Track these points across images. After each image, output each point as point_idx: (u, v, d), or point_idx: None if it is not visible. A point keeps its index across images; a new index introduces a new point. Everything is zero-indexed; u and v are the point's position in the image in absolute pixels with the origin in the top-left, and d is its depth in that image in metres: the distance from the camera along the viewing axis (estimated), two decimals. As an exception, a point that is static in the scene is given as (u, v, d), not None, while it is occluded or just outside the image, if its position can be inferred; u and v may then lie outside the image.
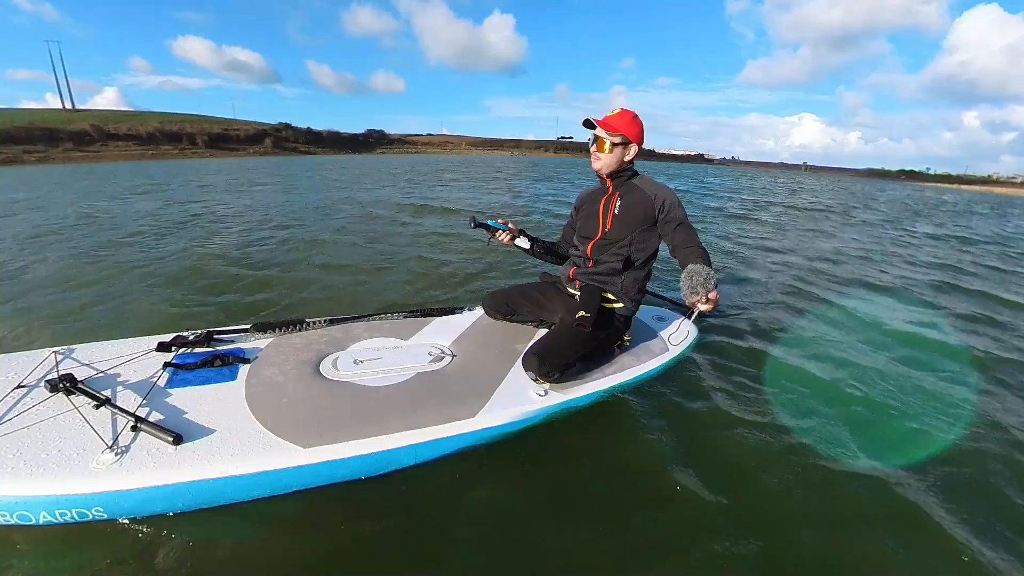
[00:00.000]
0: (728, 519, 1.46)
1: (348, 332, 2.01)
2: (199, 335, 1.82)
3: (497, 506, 1.47)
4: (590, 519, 1.44)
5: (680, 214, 1.81)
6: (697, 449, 1.79)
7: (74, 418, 1.33)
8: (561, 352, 1.73)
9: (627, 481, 1.62)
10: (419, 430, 1.43)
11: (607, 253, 1.91)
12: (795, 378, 2.39)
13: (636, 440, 1.83)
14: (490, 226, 2.05)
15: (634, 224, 1.86)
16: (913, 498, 1.58)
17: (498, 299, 2.20)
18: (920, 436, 1.95)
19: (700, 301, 1.49)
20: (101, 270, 4.05)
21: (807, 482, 1.65)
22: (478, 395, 1.62)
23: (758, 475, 1.67)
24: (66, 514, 1.15)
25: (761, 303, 3.63)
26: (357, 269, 4.24)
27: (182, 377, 1.58)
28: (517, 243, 2.10)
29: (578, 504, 1.50)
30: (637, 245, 1.88)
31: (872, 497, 1.59)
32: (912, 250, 6.68)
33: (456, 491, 1.50)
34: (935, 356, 2.77)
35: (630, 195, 1.88)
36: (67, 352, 1.68)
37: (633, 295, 1.94)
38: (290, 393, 1.54)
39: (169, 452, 1.25)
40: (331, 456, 1.32)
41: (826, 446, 1.84)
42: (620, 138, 1.82)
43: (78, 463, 1.19)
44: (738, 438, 1.86)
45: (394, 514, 1.41)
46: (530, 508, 1.47)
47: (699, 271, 1.52)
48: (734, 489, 1.58)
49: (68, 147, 44.67)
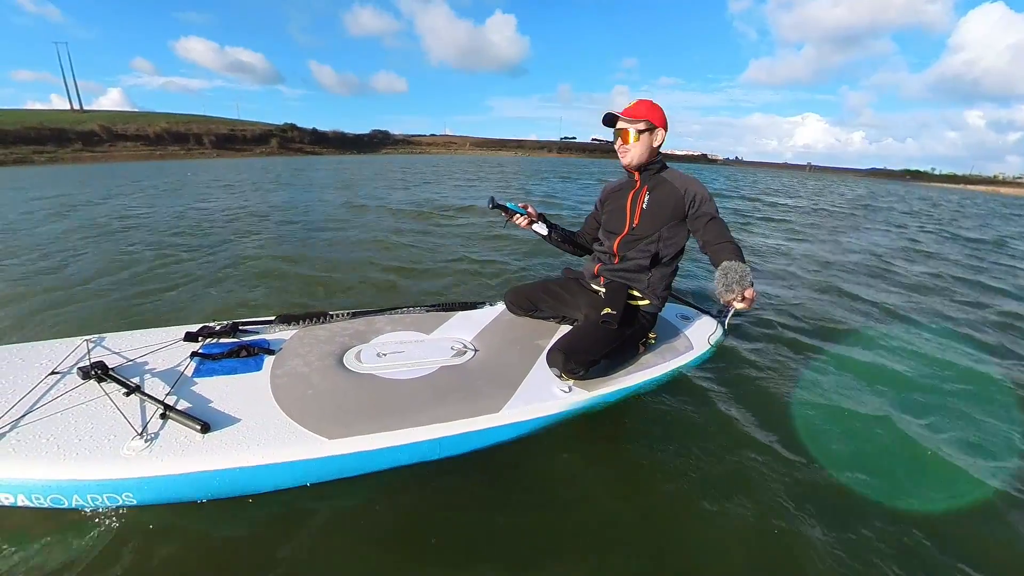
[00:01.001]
0: (744, 535, 1.39)
1: (371, 325, 2.01)
2: (225, 326, 1.84)
3: (520, 503, 1.45)
4: (610, 523, 1.40)
5: (711, 208, 1.77)
6: (718, 455, 1.71)
7: (105, 405, 1.35)
8: (587, 349, 1.70)
9: (646, 484, 1.58)
10: (445, 424, 1.42)
11: (634, 249, 1.87)
12: (829, 387, 2.30)
13: (657, 442, 1.78)
14: (508, 208, 2.00)
15: (663, 219, 1.82)
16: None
17: (520, 295, 2.17)
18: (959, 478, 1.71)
19: (736, 299, 1.44)
20: (156, 263, 4.20)
21: (824, 508, 1.49)
22: (502, 390, 1.60)
23: (772, 487, 1.57)
24: (97, 499, 1.17)
25: (797, 306, 3.53)
26: (436, 272, 4.15)
27: (208, 367, 1.60)
28: (535, 228, 2.05)
29: (601, 506, 1.46)
30: (665, 241, 1.83)
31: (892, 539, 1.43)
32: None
33: (479, 488, 1.48)
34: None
35: (659, 189, 1.84)
36: (98, 340, 1.70)
37: (660, 292, 1.90)
38: (315, 384, 1.54)
39: (197, 440, 1.25)
40: (357, 448, 1.31)
41: (843, 468, 1.68)
42: (644, 123, 1.78)
43: (109, 449, 1.20)
44: (757, 447, 1.78)
45: (417, 509, 1.39)
46: (553, 505, 1.44)
47: (734, 268, 1.47)
48: (754, 501, 1.51)
49: (77, 147, 45.80)
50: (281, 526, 1.30)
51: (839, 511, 1.49)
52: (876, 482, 1.63)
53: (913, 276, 4.78)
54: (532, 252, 4.80)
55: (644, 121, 1.77)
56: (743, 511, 1.44)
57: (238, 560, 1.22)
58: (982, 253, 6.64)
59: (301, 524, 1.31)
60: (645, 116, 1.77)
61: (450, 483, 1.47)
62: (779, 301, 3.60)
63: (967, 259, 6.02)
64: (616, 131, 1.83)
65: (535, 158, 79.62)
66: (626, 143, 1.81)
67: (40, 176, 17.71)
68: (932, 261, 5.70)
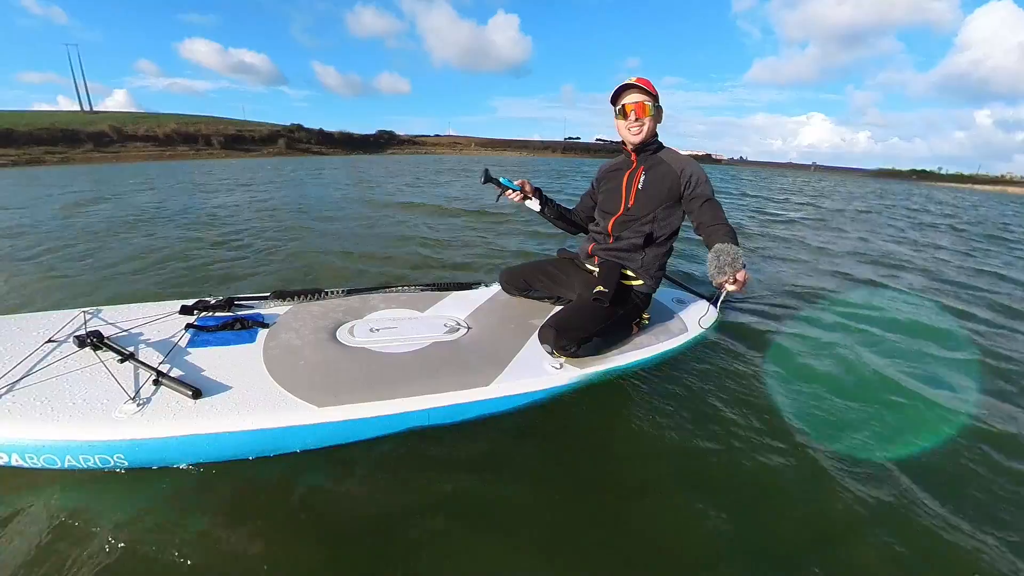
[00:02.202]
0: (726, 508, 1.39)
1: (365, 302, 2.02)
2: (221, 300, 1.86)
3: (502, 474, 1.45)
4: (593, 498, 1.40)
5: (707, 190, 1.75)
6: (707, 435, 1.71)
7: (99, 371, 1.37)
8: (578, 326, 1.70)
9: (634, 462, 1.57)
10: (433, 395, 1.43)
11: (629, 229, 1.86)
12: (820, 367, 2.30)
13: (648, 421, 1.77)
14: (501, 183, 1.99)
15: (659, 200, 1.81)
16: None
17: (515, 275, 2.18)
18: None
19: (728, 281, 1.44)
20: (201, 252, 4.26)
21: (808, 474, 1.54)
22: (493, 365, 1.61)
23: (762, 463, 1.58)
24: (89, 459, 1.19)
25: (796, 290, 3.52)
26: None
27: (203, 338, 1.61)
28: (528, 204, 2.03)
29: (583, 482, 1.46)
30: (660, 222, 1.83)
31: (871, 494, 1.47)
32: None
33: (466, 457, 1.48)
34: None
35: (655, 169, 1.82)
36: (95, 312, 1.73)
37: (653, 272, 1.90)
38: (307, 356, 1.55)
39: (188, 405, 1.27)
40: (346, 416, 1.33)
41: (833, 437, 1.72)
42: (655, 99, 1.75)
43: (102, 412, 1.22)
44: (749, 426, 1.78)
45: (401, 479, 1.40)
46: (534, 481, 1.45)
47: (727, 250, 1.46)
48: (738, 476, 1.52)
49: (88, 148, 45.78)
50: (268, 493, 1.32)
51: (839, 473, 1.53)
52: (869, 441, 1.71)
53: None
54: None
55: (655, 96, 1.75)
56: (734, 492, 1.44)
57: (227, 527, 1.24)
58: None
59: (289, 491, 1.33)
60: (655, 92, 1.75)
61: (438, 453, 1.47)
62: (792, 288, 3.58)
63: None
64: (626, 107, 1.74)
65: (540, 158, 79.34)
66: (643, 116, 1.73)
67: (60, 175, 17.92)
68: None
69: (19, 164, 35.38)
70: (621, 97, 1.76)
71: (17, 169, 29.83)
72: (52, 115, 59.13)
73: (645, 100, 1.73)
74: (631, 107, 1.73)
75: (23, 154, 39.28)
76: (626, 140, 1.83)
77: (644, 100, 1.73)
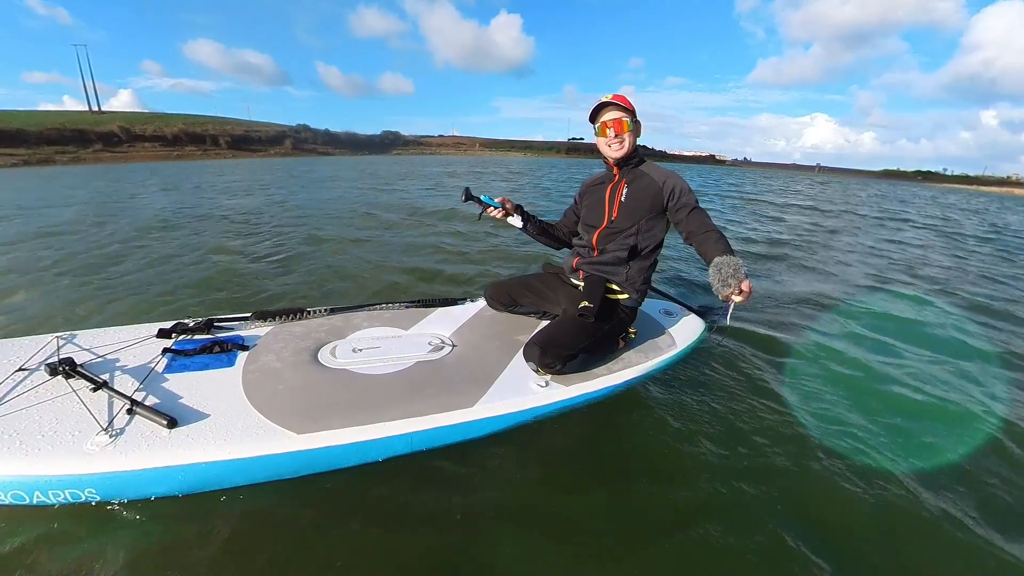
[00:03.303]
0: (720, 516, 1.40)
1: (348, 321, 2.00)
2: (200, 322, 1.82)
3: (489, 497, 1.43)
4: (584, 517, 1.40)
5: (692, 200, 1.77)
6: (699, 448, 1.71)
7: (71, 401, 1.33)
8: (563, 342, 1.69)
9: (624, 478, 1.56)
10: (415, 419, 1.41)
11: (613, 242, 1.87)
12: (811, 374, 2.32)
13: (637, 439, 1.76)
14: (482, 201, 1.99)
15: (641, 212, 1.81)
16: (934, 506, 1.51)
17: (500, 290, 2.17)
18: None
19: (733, 293, 1.45)
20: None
21: (799, 483, 1.57)
22: (477, 385, 1.59)
23: (753, 473, 1.60)
24: (59, 495, 1.15)
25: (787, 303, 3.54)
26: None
27: (180, 363, 1.58)
28: (510, 220, 2.04)
29: (573, 502, 1.45)
30: (644, 234, 1.83)
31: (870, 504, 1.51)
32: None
33: (450, 482, 1.47)
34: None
35: (637, 182, 1.83)
36: (69, 337, 1.69)
37: (638, 286, 1.90)
38: (286, 380, 1.53)
39: (163, 435, 1.24)
40: (326, 443, 1.30)
41: (828, 444, 1.76)
42: (632, 115, 1.77)
43: (73, 444, 1.19)
44: (743, 437, 1.79)
45: (385, 504, 1.38)
46: (525, 503, 1.43)
47: (727, 262, 1.48)
48: (732, 487, 1.52)
49: (98, 148, 46.85)
50: (250, 523, 1.29)
51: (853, 479, 1.56)
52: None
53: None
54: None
55: (632, 112, 1.77)
56: (744, 511, 1.44)
57: (202, 560, 1.21)
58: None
59: (268, 521, 1.30)
60: (631, 108, 1.77)
61: (421, 477, 1.45)
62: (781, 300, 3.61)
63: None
64: (604, 124, 1.76)
65: (544, 159, 79.81)
66: (622, 132, 1.75)
67: (79, 175, 17.81)
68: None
69: (30, 164, 36.03)
70: (599, 115, 1.78)
71: (29, 168, 29.97)
72: (61, 115, 59.76)
73: (623, 116, 1.75)
74: (609, 124, 1.76)
75: (34, 154, 40.01)
76: (607, 156, 1.85)
77: (622, 116, 1.75)
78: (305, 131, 77.42)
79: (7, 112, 54.55)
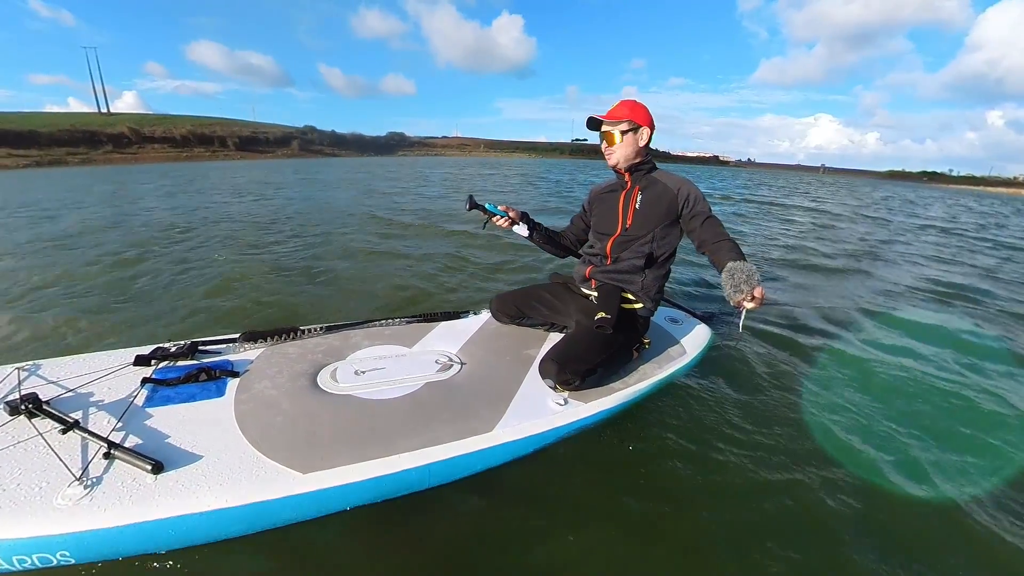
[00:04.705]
0: (741, 535, 1.34)
1: (347, 340, 1.86)
2: (182, 347, 1.66)
3: (517, 527, 1.33)
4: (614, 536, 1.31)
5: (706, 208, 1.72)
6: (718, 460, 1.65)
7: (37, 445, 1.16)
8: (581, 357, 1.60)
9: (649, 493, 1.49)
10: (432, 448, 1.29)
11: (628, 250, 1.80)
12: (817, 380, 2.29)
13: (653, 454, 1.69)
14: (487, 210, 1.92)
15: (657, 219, 1.75)
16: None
17: (506, 302, 2.06)
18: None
19: (746, 299, 1.40)
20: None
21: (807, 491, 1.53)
22: (494, 406, 1.48)
23: (768, 486, 1.55)
24: (25, 561, 0.99)
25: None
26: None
27: (163, 394, 1.42)
28: (515, 229, 1.97)
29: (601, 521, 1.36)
30: (659, 241, 1.77)
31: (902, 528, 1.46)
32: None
33: (475, 513, 1.35)
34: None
35: (651, 189, 1.77)
36: (32, 368, 1.50)
37: (653, 295, 1.83)
38: (285, 410, 1.39)
39: (147, 482, 1.09)
40: (335, 482, 1.16)
41: (840, 459, 1.71)
42: (627, 124, 1.73)
43: (40, 500, 1.02)
44: (757, 446, 1.74)
45: (406, 545, 1.26)
46: (551, 527, 1.33)
47: (740, 268, 1.43)
48: (754, 500, 1.47)
49: (108, 149, 47.26)
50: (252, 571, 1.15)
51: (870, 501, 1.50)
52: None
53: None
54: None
55: (627, 121, 1.73)
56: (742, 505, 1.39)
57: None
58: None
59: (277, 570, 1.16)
60: (628, 116, 1.73)
61: (442, 512, 1.33)
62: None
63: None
64: (601, 134, 1.79)
65: (549, 160, 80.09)
66: (611, 145, 1.77)
67: (98, 175, 17.20)
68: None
69: (42, 165, 35.85)
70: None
71: (42, 170, 29.53)
72: (70, 117, 59.37)
73: (610, 129, 1.75)
74: (602, 137, 1.78)
75: (45, 155, 39.92)
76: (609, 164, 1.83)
77: (608, 130, 1.75)
78: (312, 132, 76.94)
79: (16, 114, 54.46)
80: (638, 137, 1.75)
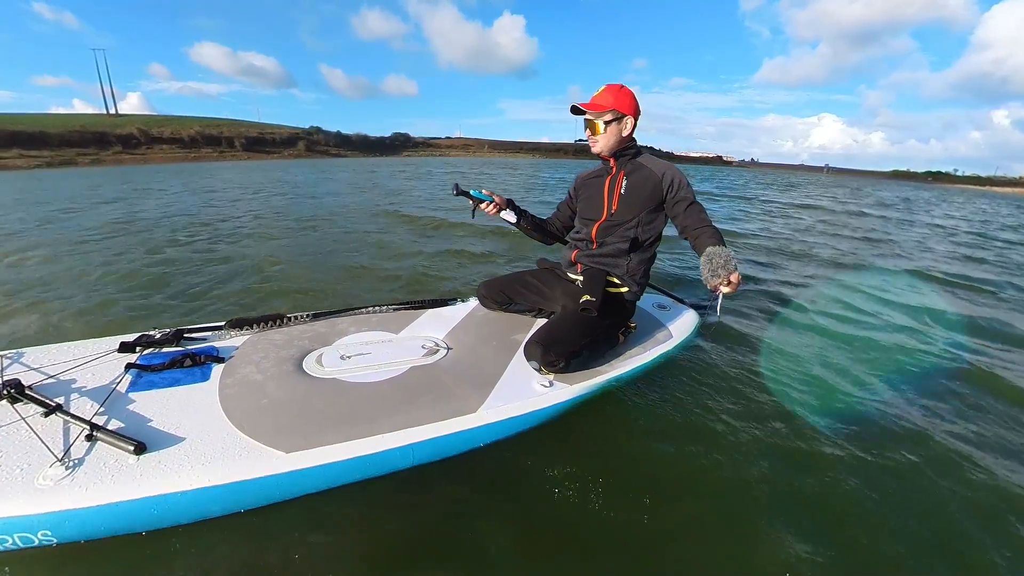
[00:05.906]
0: (722, 513, 1.36)
1: (333, 327, 1.86)
2: (167, 333, 1.66)
3: (498, 508, 1.34)
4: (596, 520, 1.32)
5: (689, 194, 1.73)
6: (703, 439, 1.67)
7: (19, 429, 1.16)
8: (566, 340, 1.61)
9: (631, 475, 1.49)
10: (416, 428, 1.30)
11: (613, 235, 1.81)
12: (802, 360, 2.31)
13: (641, 433, 1.70)
14: (473, 196, 1.92)
15: (642, 204, 1.76)
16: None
17: (493, 288, 2.07)
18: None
19: (722, 284, 1.42)
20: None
21: (798, 469, 1.55)
22: (478, 388, 1.49)
23: (757, 464, 1.57)
24: (7, 540, 0.99)
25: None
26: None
27: (147, 379, 1.42)
28: (503, 216, 1.97)
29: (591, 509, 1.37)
30: (644, 226, 1.78)
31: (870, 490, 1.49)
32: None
33: (458, 495, 1.36)
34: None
35: (636, 174, 1.78)
36: (15, 356, 1.50)
37: (638, 279, 1.84)
38: (270, 393, 1.39)
39: (130, 463, 1.09)
40: (318, 461, 1.17)
41: (827, 431, 1.76)
42: (611, 114, 1.73)
43: (21, 480, 1.03)
44: (743, 427, 1.76)
45: (390, 522, 1.26)
46: (535, 509, 1.34)
47: (718, 253, 1.45)
48: (735, 480, 1.49)
49: (117, 150, 47.85)
50: (235, 553, 1.15)
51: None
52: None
53: None
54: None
55: (611, 111, 1.73)
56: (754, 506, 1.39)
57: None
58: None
59: (259, 547, 1.17)
60: (612, 106, 1.72)
61: (426, 493, 1.34)
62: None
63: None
64: (584, 122, 1.79)
65: (552, 160, 79.72)
66: (595, 134, 1.78)
67: (113, 175, 17.18)
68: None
69: (53, 165, 36.05)
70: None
71: (53, 170, 29.41)
72: (78, 118, 59.76)
73: (592, 119, 1.75)
74: (586, 125, 1.79)
75: (56, 155, 40.26)
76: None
77: (591, 118, 1.76)
78: (317, 133, 77.31)
79: (25, 115, 55.02)
80: (621, 127, 1.76)
